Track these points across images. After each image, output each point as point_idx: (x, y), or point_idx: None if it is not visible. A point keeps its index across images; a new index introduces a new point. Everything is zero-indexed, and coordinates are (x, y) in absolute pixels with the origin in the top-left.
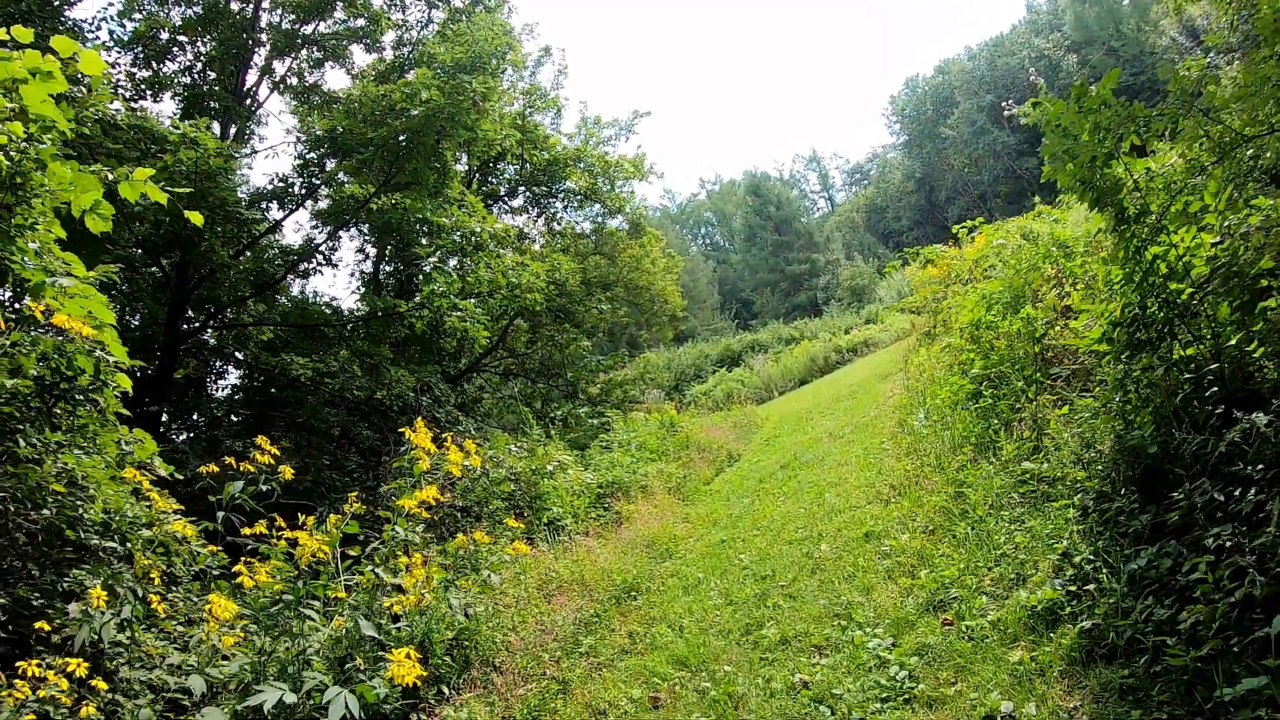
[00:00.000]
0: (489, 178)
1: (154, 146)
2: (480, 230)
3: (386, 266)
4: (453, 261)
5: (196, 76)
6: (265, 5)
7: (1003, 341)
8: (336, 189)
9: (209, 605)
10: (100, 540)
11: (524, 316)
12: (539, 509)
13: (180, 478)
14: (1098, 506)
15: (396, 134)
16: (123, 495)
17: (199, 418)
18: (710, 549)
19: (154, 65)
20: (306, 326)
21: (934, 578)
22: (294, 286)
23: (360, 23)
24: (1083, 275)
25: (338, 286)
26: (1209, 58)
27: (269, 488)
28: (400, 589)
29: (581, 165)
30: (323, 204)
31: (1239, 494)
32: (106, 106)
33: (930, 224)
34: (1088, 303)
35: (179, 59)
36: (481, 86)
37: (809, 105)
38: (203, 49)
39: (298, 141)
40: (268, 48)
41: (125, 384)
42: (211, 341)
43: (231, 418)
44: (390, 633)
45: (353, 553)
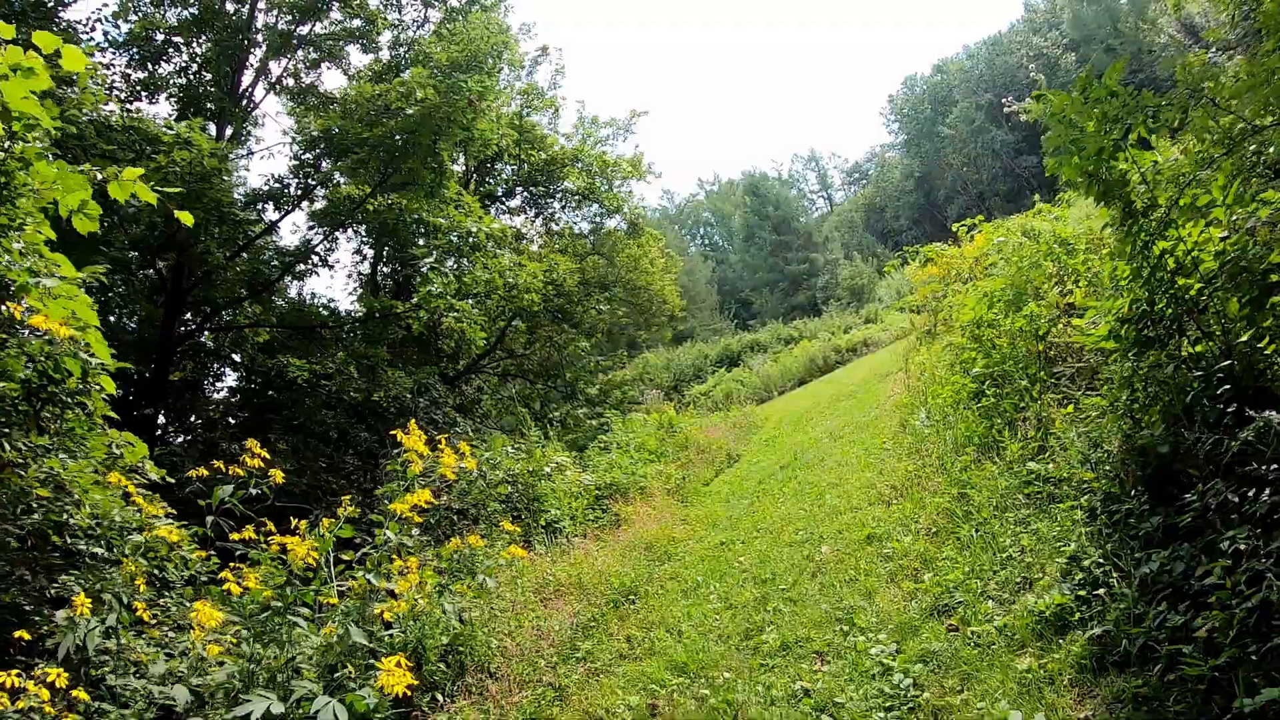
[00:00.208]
0: (487, 178)
1: (148, 148)
2: (477, 230)
3: (384, 268)
4: (449, 262)
5: (192, 78)
6: (261, 6)
7: (1005, 340)
8: (332, 190)
9: (194, 613)
10: (87, 546)
11: (522, 317)
12: (537, 511)
13: (172, 481)
14: (1106, 508)
15: (392, 134)
16: (111, 500)
17: (197, 420)
18: (709, 551)
19: (149, 67)
20: (303, 328)
21: (938, 581)
22: (291, 289)
23: (357, 23)
24: (1085, 272)
25: (335, 288)
26: (1209, 54)
27: (259, 491)
28: (393, 594)
29: (579, 165)
30: (319, 205)
31: (1253, 495)
32: (100, 107)
33: (929, 223)
34: (1092, 299)
35: (174, 60)
36: (477, 85)
37: (807, 105)
38: (198, 50)
39: (293, 142)
40: (263, 49)
41: (109, 386)
42: (209, 344)
43: (229, 420)
44: (383, 639)
45: (346, 557)
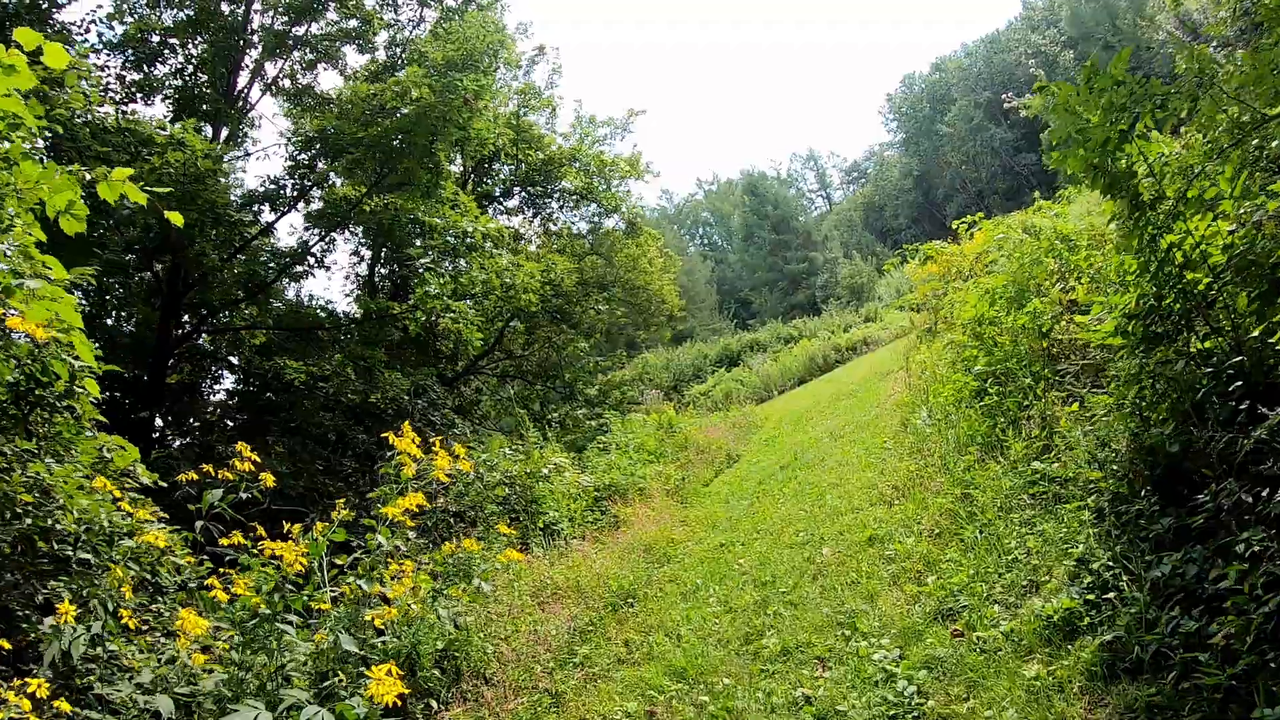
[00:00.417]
0: (484, 178)
1: (143, 149)
2: (473, 230)
3: (382, 269)
4: (446, 263)
5: (187, 79)
6: (257, 7)
7: (1006, 337)
8: (329, 191)
9: (179, 621)
10: (74, 552)
11: (520, 318)
12: (535, 513)
13: (164, 485)
14: (1114, 509)
15: (387, 133)
16: (100, 504)
17: (195, 423)
18: (709, 553)
19: (145, 68)
20: (300, 330)
21: (942, 584)
22: (289, 291)
23: (353, 24)
24: (1087, 269)
25: (333, 290)
26: (1210, 49)
27: (249, 495)
28: (386, 600)
29: (577, 164)
30: (316, 206)
31: (1268, 495)
32: (95, 109)
33: (928, 221)
34: (1094, 296)
35: (170, 62)
36: (473, 85)
37: (805, 104)
38: (194, 51)
39: (288, 143)
40: (259, 49)
41: (94, 390)
42: (206, 346)
43: (227, 423)
44: (376, 646)
45: (340, 561)
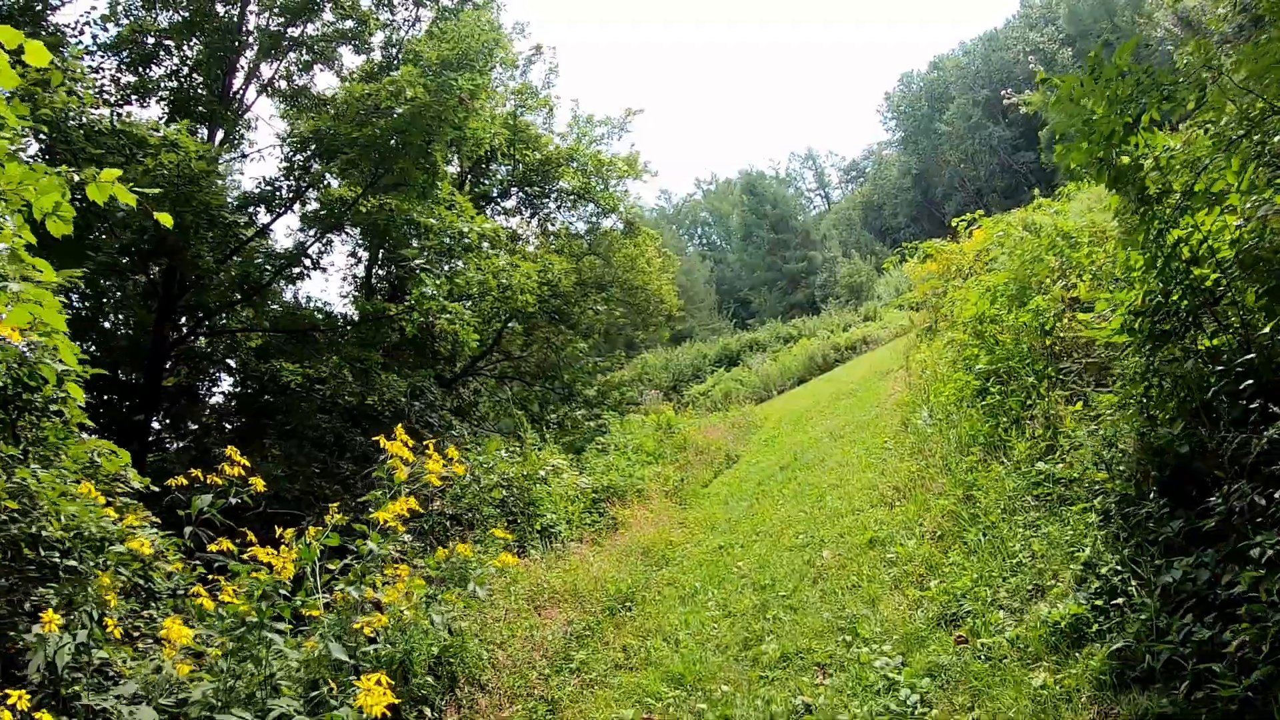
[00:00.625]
0: (481, 179)
1: (138, 151)
2: (469, 231)
3: (379, 270)
4: (443, 264)
5: (182, 81)
6: (253, 8)
7: (1008, 335)
8: (324, 192)
9: (163, 630)
10: (61, 559)
11: (518, 318)
12: (532, 515)
13: (156, 490)
14: (1121, 511)
15: (383, 133)
16: (88, 510)
17: (193, 426)
18: (708, 555)
19: (140, 70)
20: (297, 332)
21: (944, 589)
22: (286, 292)
23: (349, 24)
24: (1089, 266)
25: (330, 292)
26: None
27: (239, 500)
28: (378, 606)
29: (574, 164)
30: (312, 207)
31: None
32: (89, 111)
33: (927, 220)
34: (1096, 293)
35: (165, 63)
36: (469, 84)
37: (803, 104)
38: (189, 53)
39: (283, 144)
40: (254, 50)
41: (78, 394)
42: (204, 349)
43: (225, 425)
44: (368, 654)
45: (334, 566)
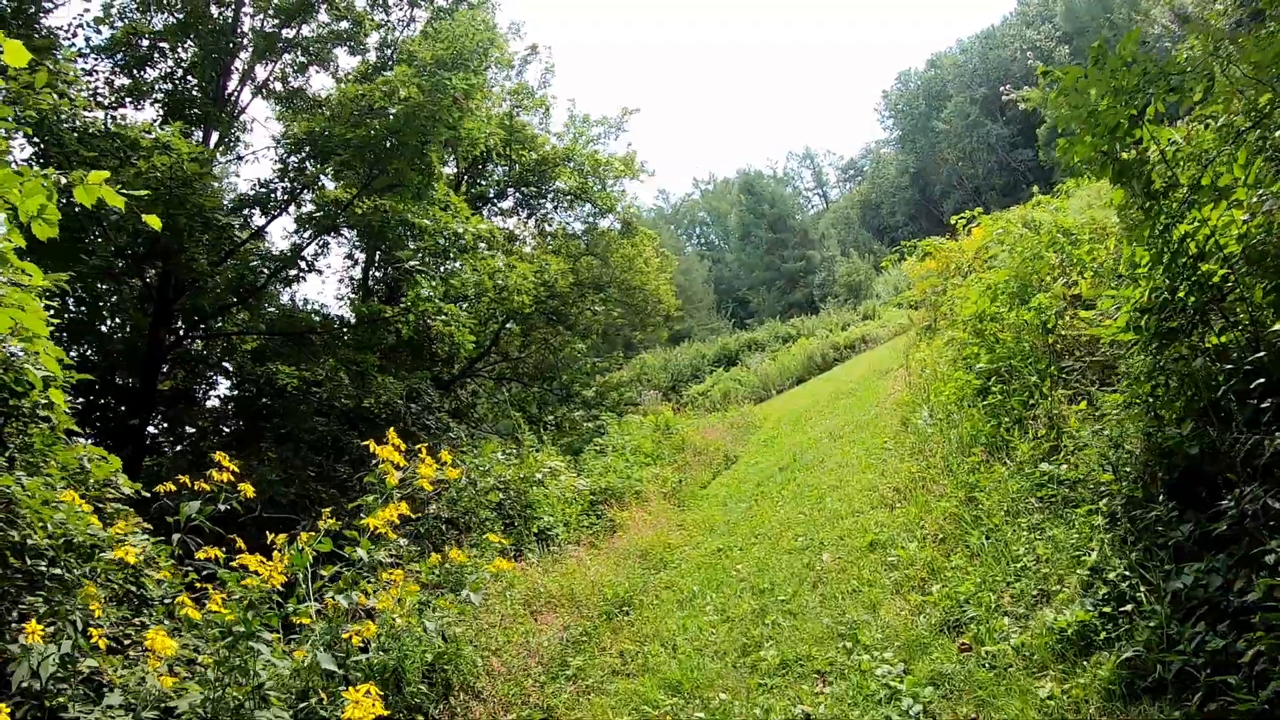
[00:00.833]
0: (478, 179)
1: (131, 154)
2: (464, 232)
3: (376, 272)
4: (439, 265)
5: (177, 83)
6: (247, 9)
7: (1009, 334)
8: (319, 193)
9: (147, 640)
10: (48, 568)
11: (515, 319)
12: (529, 518)
13: (148, 495)
14: (1128, 514)
15: (377, 134)
16: (77, 517)
17: (191, 430)
18: (706, 558)
19: (134, 73)
20: (293, 335)
21: (947, 593)
22: (283, 295)
23: (344, 25)
24: (1090, 263)
25: (326, 294)
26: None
27: (228, 506)
28: (370, 614)
29: (571, 164)
30: (307, 208)
31: None
32: (83, 114)
33: (925, 218)
34: (1099, 289)
35: (159, 66)
36: (463, 83)
37: (801, 103)
38: (183, 55)
39: (277, 145)
40: (249, 52)
41: (59, 399)
42: (201, 352)
43: (223, 429)
44: (360, 663)
45: (325, 572)
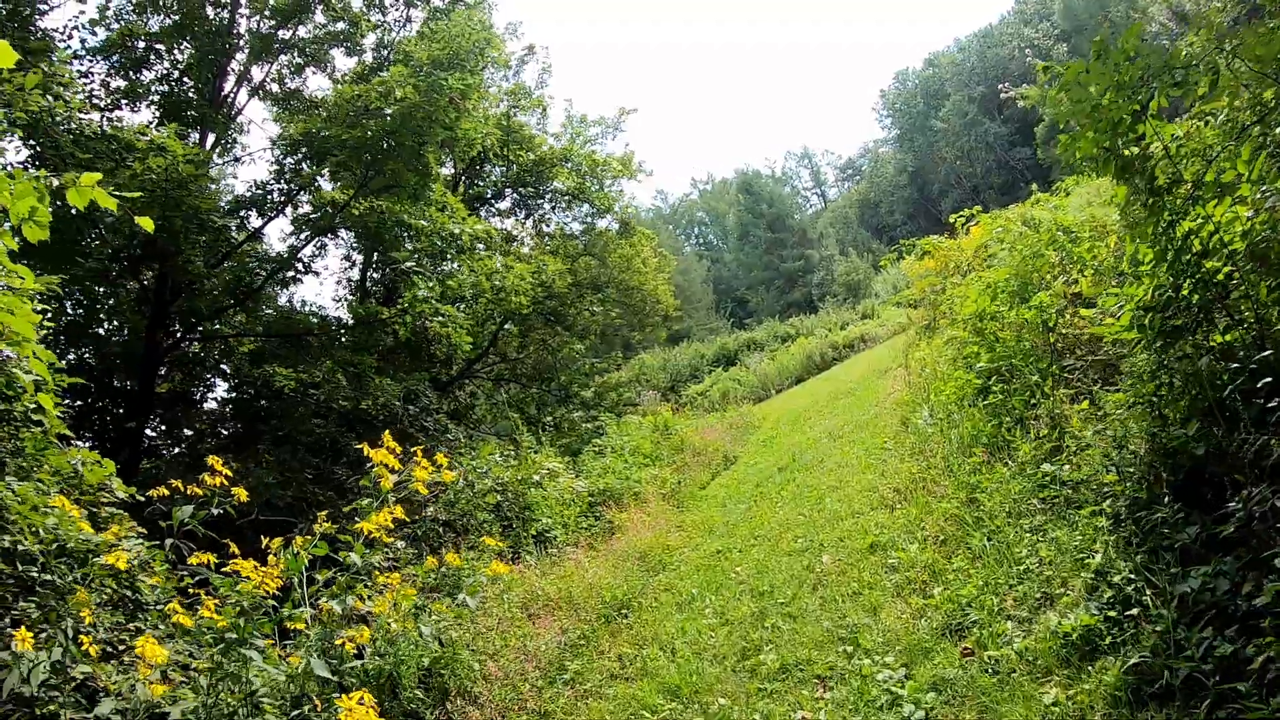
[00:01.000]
0: (476, 180)
1: (127, 156)
2: (460, 232)
3: (374, 273)
4: (436, 266)
5: (173, 85)
6: (243, 10)
7: (1009, 332)
8: (315, 194)
9: (137, 648)
10: (39, 574)
11: (513, 320)
12: (527, 520)
13: (143, 499)
14: (1133, 515)
15: (373, 135)
16: (69, 522)
17: (189, 432)
18: (705, 560)
19: (130, 74)
20: (290, 336)
21: (949, 596)
22: (281, 297)
23: (340, 26)
24: (1090, 261)
25: (324, 296)
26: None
27: (221, 511)
28: (365, 620)
29: (568, 164)
30: (304, 210)
31: None
32: (79, 116)
33: (924, 217)
34: (1100, 287)
35: (156, 68)
36: (459, 83)
37: (798, 102)
38: (179, 57)
39: (273, 146)
40: (246, 53)
41: (47, 403)
42: (198, 354)
43: (221, 431)
44: (355, 669)
45: (320, 576)
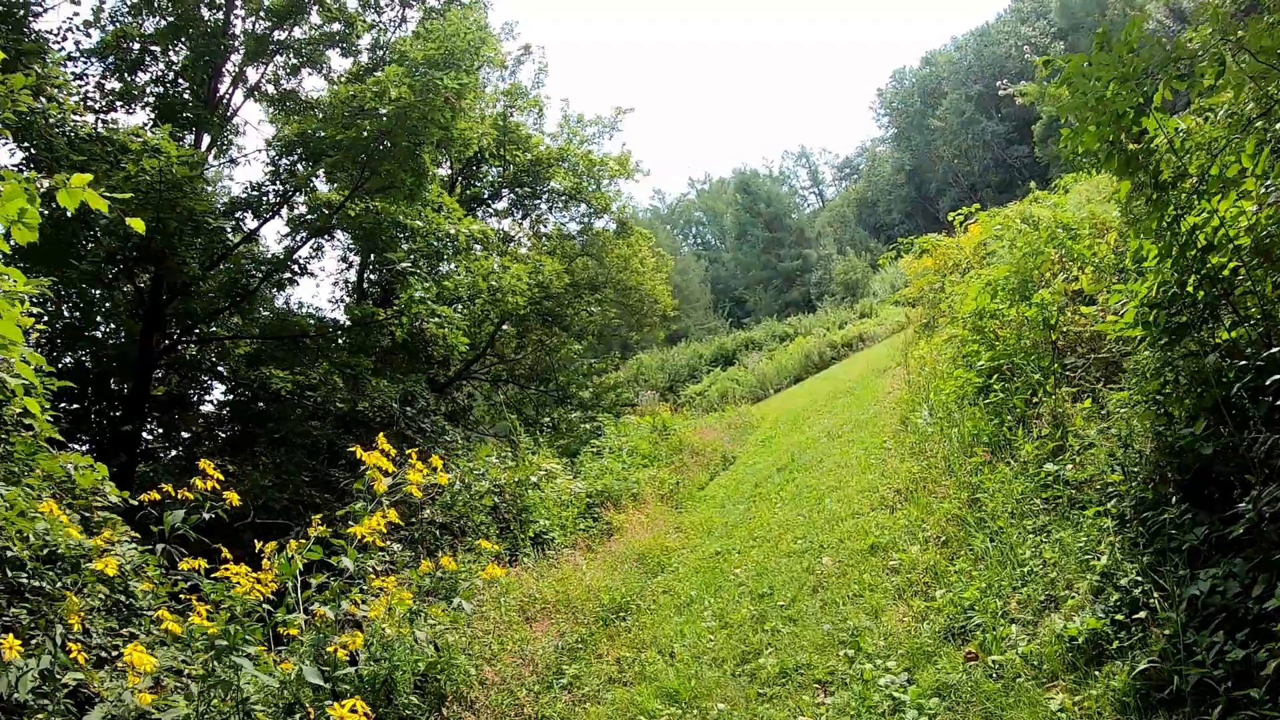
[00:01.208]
0: (472, 181)
1: (122, 157)
2: (457, 232)
3: (371, 275)
4: (432, 267)
5: (168, 86)
6: (239, 11)
7: (1009, 330)
8: (311, 195)
9: (126, 656)
10: (29, 580)
11: (510, 321)
12: (525, 522)
13: (136, 503)
14: (1139, 515)
15: (368, 135)
16: (60, 527)
17: (186, 435)
18: (704, 562)
19: (125, 76)
20: (287, 338)
21: (951, 599)
22: (278, 298)
23: (336, 27)
24: (1091, 258)
25: (321, 297)
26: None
27: (214, 515)
28: (359, 624)
29: (565, 164)
30: (299, 211)
31: None
32: (73, 118)
33: (921, 216)
34: (1100, 285)
35: (151, 69)
36: (454, 83)
37: (796, 102)
38: (174, 58)
39: (269, 147)
40: (241, 54)
41: (34, 407)
42: (195, 356)
43: (219, 434)
44: (348, 676)
45: (315, 580)
